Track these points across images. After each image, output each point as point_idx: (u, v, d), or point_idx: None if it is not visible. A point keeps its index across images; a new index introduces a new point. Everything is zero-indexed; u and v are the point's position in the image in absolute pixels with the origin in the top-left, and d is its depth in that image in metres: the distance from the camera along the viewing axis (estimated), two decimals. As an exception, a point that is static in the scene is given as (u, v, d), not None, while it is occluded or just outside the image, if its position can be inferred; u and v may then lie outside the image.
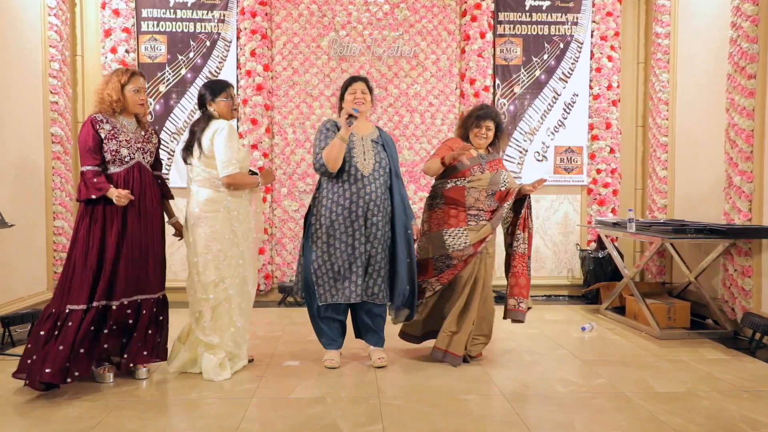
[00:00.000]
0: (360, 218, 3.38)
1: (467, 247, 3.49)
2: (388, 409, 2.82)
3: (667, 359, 3.69)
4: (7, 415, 2.75)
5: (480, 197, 3.56)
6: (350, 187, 3.39)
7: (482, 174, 3.57)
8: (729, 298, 4.31)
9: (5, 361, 3.58)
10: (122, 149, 3.16)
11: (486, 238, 3.52)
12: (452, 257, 3.52)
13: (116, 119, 3.20)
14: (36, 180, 4.77)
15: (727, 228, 4.09)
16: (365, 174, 3.40)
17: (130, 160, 3.19)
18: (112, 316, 3.11)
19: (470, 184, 3.55)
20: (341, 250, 3.39)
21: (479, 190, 3.55)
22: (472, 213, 3.55)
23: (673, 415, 2.76)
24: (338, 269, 3.40)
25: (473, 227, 3.53)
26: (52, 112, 4.95)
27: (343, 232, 3.39)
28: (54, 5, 4.95)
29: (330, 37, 5.60)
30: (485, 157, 3.65)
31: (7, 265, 4.26)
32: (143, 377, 3.26)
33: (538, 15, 5.72)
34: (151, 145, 3.32)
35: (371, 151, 3.47)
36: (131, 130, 3.24)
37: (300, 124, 5.59)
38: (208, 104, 3.37)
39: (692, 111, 5.06)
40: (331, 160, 3.34)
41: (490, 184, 3.57)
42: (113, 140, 3.13)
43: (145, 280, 3.23)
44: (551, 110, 5.74)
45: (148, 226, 3.24)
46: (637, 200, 5.89)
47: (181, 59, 5.50)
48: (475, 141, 3.66)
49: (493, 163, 3.65)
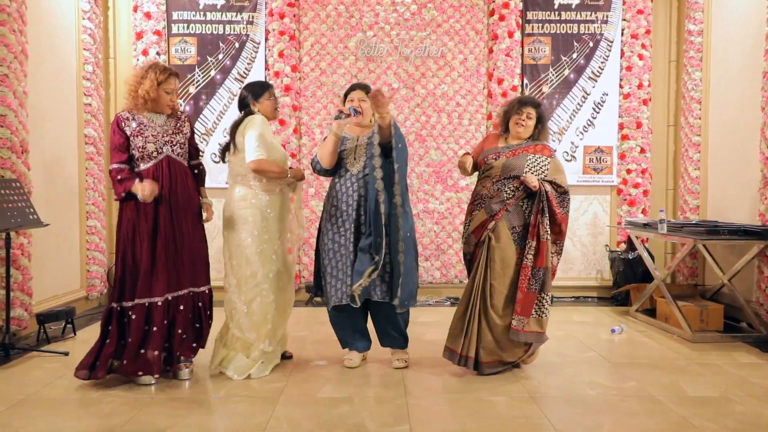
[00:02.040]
0: (350, 217, 3.38)
1: (470, 235, 3.43)
2: (415, 410, 2.82)
3: (700, 363, 3.62)
4: (40, 411, 2.81)
5: (486, 184, 3.41)
6: (341, 187, 3.43)
7: (496, 161, 3.40)
8: (765, 300, 4.21)
9: (41, 358, 3.67)
10: (149, 145, 3.16)
11: (485, 224, 3.33)
12: (467, 252, 3.49)
13: (143, 115, 3.20)
14: (70, 180, 4.88)
15: (762, 229, 4.00)
16: (353, 173, 3.41)
17: (158, 155, 3.19)
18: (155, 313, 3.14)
19: (484, 174, 3.47)
20: (334, 250, 3.40)
21: (491, 178, 3.41)
22: (476, 203, 3.45)
23: (707, 420, 2.70)
24: (334, 270, 3.39)
25: (476, 215, 3.41)
26: (86, 114, 5.06)
27: (336, 232, 3.41)
28: (88, 9, 5.06)
29: (357, 38, 5.62)
30: (512, 147, 3.43)
31: (42, 264, 4.36)
32: (186, 378, 3.24)
33: (567, 14, 5.66)
34: (181, 135, 3.29)
35: (363, 153, 3.43)
36: (159, 124, 3.23)
37: (327, 125, 5.62)
38: (252, 105, 3.42)
39: (726, 109, 4.95)
40: (323, 156, 3.40)
41: (504, 169, 3.35)
42: (139, 137, 3.15)
43: (183, 275, 3.23)
44: (580, 110, 5.68)
45: (180, 220, 3.22)
46: (668, 201, 5.79)
47: (211, 61, 5.57)
48: (514, 129, 3.46)
49: (519, 150, 3.40)
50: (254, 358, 3.32)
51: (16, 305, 3.90)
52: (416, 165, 5.64)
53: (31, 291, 4.07)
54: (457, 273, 5.64)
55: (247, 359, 3.32)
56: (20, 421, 2.67)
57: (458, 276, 5.65)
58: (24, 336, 4.09)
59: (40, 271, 4.30)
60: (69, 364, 3.46)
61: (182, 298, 3.24)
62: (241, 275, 3.33)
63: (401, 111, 5.63)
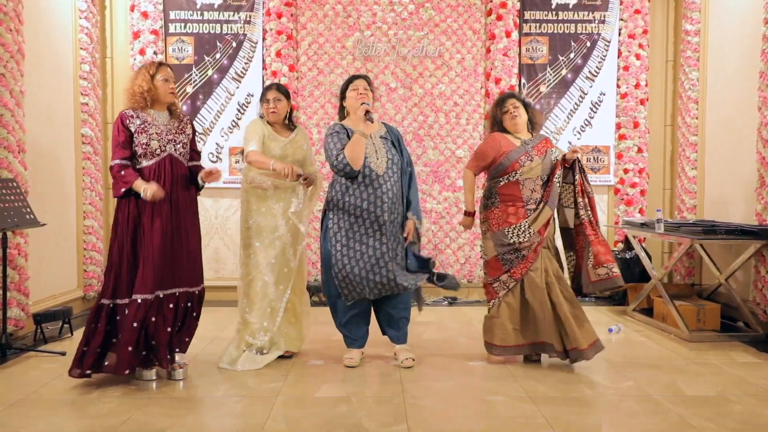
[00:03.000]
0: (380, 218, 3.38)
1: (534, 234, 3.43)
2: (413, 410, 2.82)
3: (697, 362, 3.63)
4: (38, 411, 2.80)
5: (536, 188, 3.50)
6: (366, 188, 3.39)
7: (532, 162, 3.48)
8: (761, 300, 4.22)
9: (38, 358, 3.66)
10: (152, 142, 3.18)
11: (549, 221, 3.46)
12: (521, 249, 3.45)
13: (147, 113, 3.22)
14: (67, 180, 4.87)
15: (759, 229, 4.00)
16: (380, 173, 3.40)
17: (161, 153, 3.21)
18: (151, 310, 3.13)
19: (523, 176, 3.48)
20: (362, 251, 3.39)
21: (533, 179, 3.48)
22: (530, 207, 3.49)
23: (705, 419, 2.71)
24: (360, 270, 3.38)
25: (535, 218, 3.47)
26: (83, 113, 5.04)
27: (364, 233, 3.40)
28: (85, 8, 5.05)
29: (355, 38, 5.62)
30: (529, 143, 3.54)
31: (39, 264, 4.35)
32: (180, 378, 3.26)
33: (564, 13, 5.66)
34: (184, 135, 3.32)
35: (382, 149, 3.47)
36: (163, 122, 3.25)
37: (325, 125, 5.61)
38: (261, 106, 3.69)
39: (723, 109, 4.96)
40: (355, 158, 3.33)
41: (543, 170, 3.51)
42: (143, 134, 3.17)
43: (179, 273, 3.25)
44: (578, 109, 5.69)
45: (180, 219, 3.25)
46: (665, 200, 5.80)
47: (208, 60, 5.56)
48: (510, 125, 3.56)
49: (540, 146, 3.54)
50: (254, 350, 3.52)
51: (12, 305, 3.89)
52: (414, 165, 5.63)
53: (28, 291, 4.06)
54: (455, 272, 5.64)
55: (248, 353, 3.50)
56: (18, 422, 2.66)
57: (456, 276, 5.64)
58: (21, 336, 4.08)
59: (37, 271, 4.29)
60: (66, 364, 3.44)
61: (176, 295, 3.25)
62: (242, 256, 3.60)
63: (399, 110, 5.63)
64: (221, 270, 5.60)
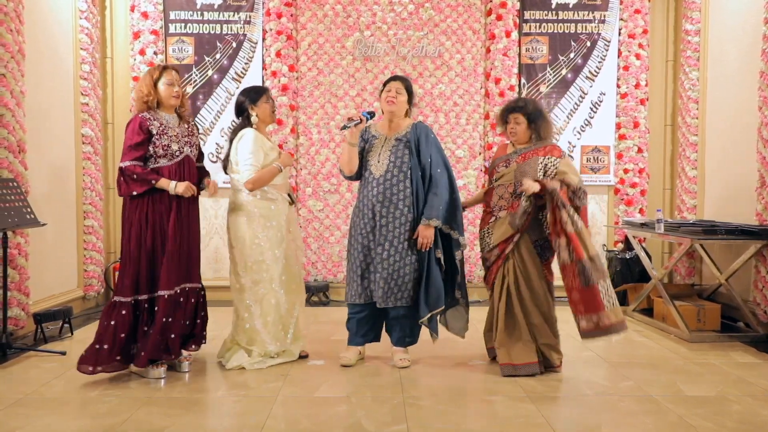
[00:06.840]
0: (371, 221, 3.42)
1: (493, 248, 3.42)
2: (413, 410, 2.82)
3: (697, 362, 3.63)
4: (38, 410, 2.81)
5: (504, 194, 3.39)
6: (363, 189, 3.50)
7: (506, 168, 3.42)
8: (761, 300, 4.21)
9: (38, 357, 3.66)
10: (173, 144, 3.25)
11: (512, 239, 3.32)
12: (487, 259, 3.47)
13: (160, 116, 3.27)
14: (67, 180, 4.87)
15: (759, 229, 4.00)
16: (376, 176, 3.43)
17: (180, 155, 3.29)
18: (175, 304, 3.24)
19: (497, 182, 3.46)
20: (358, 251, 3.46)
21: (505, 186, 3.40)
22: (494, 212, 3.43)
23: (704, 419, 2.71)
24: (357, 270, 3.45)
25: (495, 226, 3.40)
26: (83, 114, 5.05)
27: (359, 233, 3.46)
28: (85, 8, 5.05)
29: (355, 38, 5.62)
30: (519, 151, 3.43)
31: (39, 263, 4.35)
32: (186, 370, 3.36)
33: (564, 13, 5.66)
34: (195, 138, 3.43)
35: (387, 151, 3.45)
36: (175, 125, 3.32)
37: (325, 125, 5.62)
38: (250, 109, 3.45)
39: (723, 109, 4.96)
40: (343, 165, 3.49)
41: (517, 175, 3.34)
42: (164, 136, 3.23)
43: (189, 270, 3.35)
44: (578, 109, 5.68)
45: (190, 218, 3.36)
46: (665, 200, 5.80)
47: (208, 60, 5.56)
48: (509, 139, 3.53)
49: (528, 153, 3.37)
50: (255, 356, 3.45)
51: (13, 305, 3.89)
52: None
53: (28, 291, 4.06)
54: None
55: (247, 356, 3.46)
56: (18, 421, 2.67)
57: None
58: (21, 336, 4.08)
59: (37, 271, 4.29)
60: (66, 363, 3.47)
61: (189, 290, 3.35)
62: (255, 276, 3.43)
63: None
64: (221, 270, 5.60)
